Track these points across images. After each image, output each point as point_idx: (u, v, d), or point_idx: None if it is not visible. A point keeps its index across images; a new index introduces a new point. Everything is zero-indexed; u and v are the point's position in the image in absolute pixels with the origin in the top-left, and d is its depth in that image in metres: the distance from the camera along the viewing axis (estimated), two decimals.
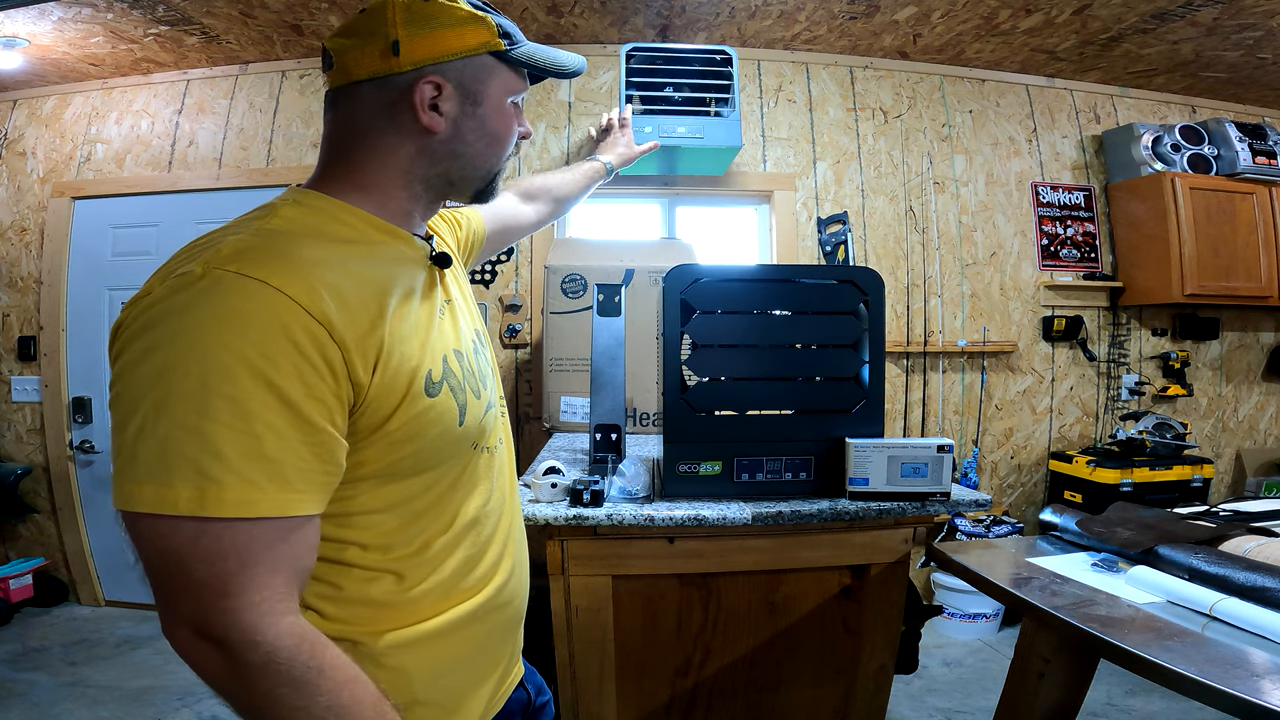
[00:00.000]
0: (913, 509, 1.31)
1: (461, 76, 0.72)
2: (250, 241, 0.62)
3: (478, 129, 0.74)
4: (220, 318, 0.56)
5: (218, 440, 0.54)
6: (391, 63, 0.70)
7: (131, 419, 0.55)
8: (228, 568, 0.55)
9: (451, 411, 0.71)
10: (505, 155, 0.79)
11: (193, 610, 0.55)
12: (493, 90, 0.75)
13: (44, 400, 3.11)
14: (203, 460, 0.54)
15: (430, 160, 0.74)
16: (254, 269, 0.58)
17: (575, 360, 2.50)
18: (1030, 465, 3.27)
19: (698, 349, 1.34)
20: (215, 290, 0.57)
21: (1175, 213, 2.99)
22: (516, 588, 0.85)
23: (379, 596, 0.70)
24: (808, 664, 1.43)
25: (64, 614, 3.04)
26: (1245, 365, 3.44)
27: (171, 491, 0.53)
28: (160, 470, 0.54)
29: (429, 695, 0.72)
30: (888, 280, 3.10)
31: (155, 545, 0.55)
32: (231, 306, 0.56)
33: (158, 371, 0.55)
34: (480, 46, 0.72)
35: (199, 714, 2.26)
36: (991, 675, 2.57)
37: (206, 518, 0.54)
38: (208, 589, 0.55)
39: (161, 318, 0.57)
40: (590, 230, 3.28)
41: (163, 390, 0.54)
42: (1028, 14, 2.73)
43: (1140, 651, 0.88)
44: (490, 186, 0.81)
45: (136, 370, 0.56)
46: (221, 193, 3.09)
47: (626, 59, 2.70)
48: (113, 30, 2.72)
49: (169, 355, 0.55)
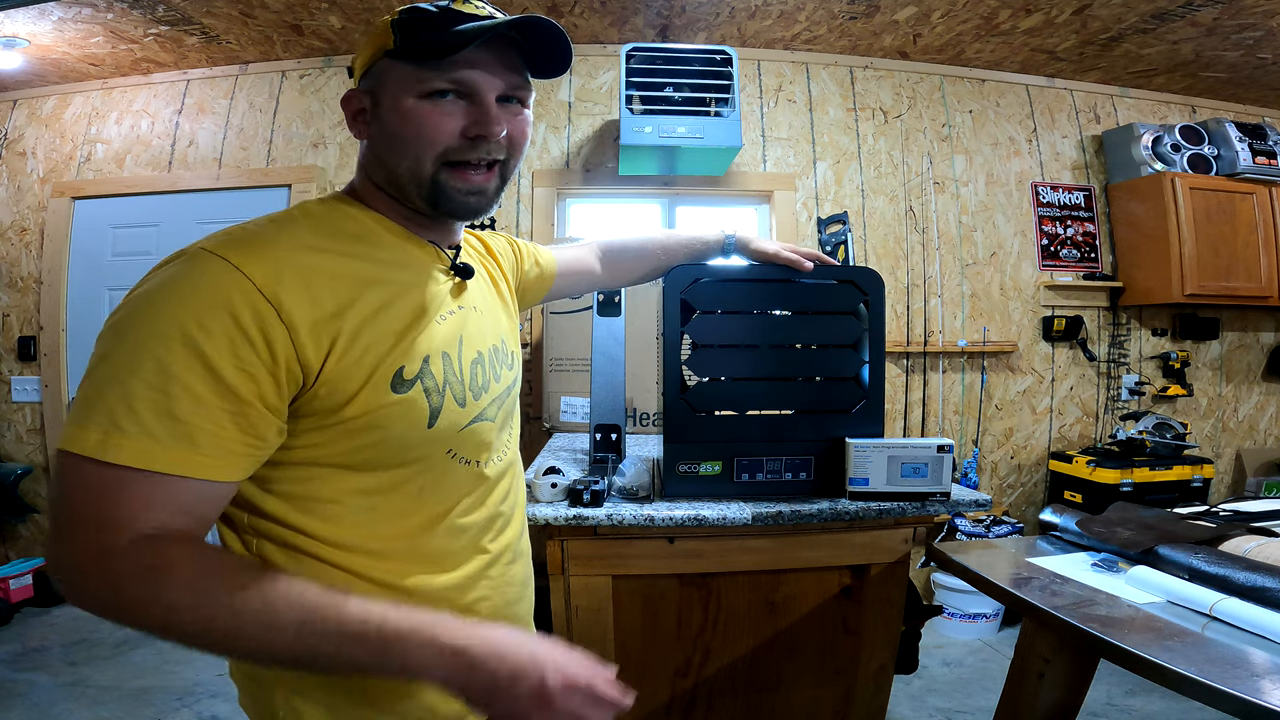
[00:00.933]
0: (913, 509, 1.31)
1: (371, 84, 0.73)
2: (249, 228, 0.68)
3: (380, 132, 0.73)
4: (175, 288, 0.61)
5: (135, 395, 0.58)
6: (351, 85, 0.77)
7: (90, 366, 0.61)
8: (113, 509, 0.58)
9: (420, 411, 0.71)
10: (423, 156, 0.71)
11: (73, 543, 0.59)
12: (388, 90, 0.71)
13: (44, 400, 3.11)
14: (117, 410, 0.58)
15: (372, 165, 0.76)
16: (226, 249, 0.63)
17: (575, 360, 2.50)
18: (1030, 465, 3.27)
19: (698, 349, 1.34)
20: (186, 265, 0.62)
21: (1175, 213, 2.99)
22: (501, 606, 0.82)
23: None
24: (808, 664, 1.43)
25: (64, 614, 3.04)
26: (1245, 365, 3.44)
27: (84, 432, 0.58)
28: (83, 413, 0.59)
29: (388, 706, 0.72)
30: (888, 280, 3.10)
31: (59, 478, 0.59)
32: (188, 279, 0.61)
33: (115, 330, 0.61)
34: (377, 51, 0.72)
35: (199, 714, 2.26)
36: (991, 675, 2.57)
37: (105, 461, 0.57)
38: (89, 526, 0.58)
39: (141, 286, 0.63)
40: (590, 230, 3.28)
41: (111, 346, 0.60)
42: (1028, 14, 2.73)
43: (1140, 651, 0.88)
44: (434, 193, 0.73)
45: (108, 324, 0.62)
46: (221, 193, 3.09)
47: (626, 59, 2.70)
48: (113, 30, 2.73)
49: (128, 316, 0.61)
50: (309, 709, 0.71)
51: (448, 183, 0.72)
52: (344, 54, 3.10)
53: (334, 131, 3.11)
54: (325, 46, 3.03)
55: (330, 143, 3.10)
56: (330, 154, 3.10)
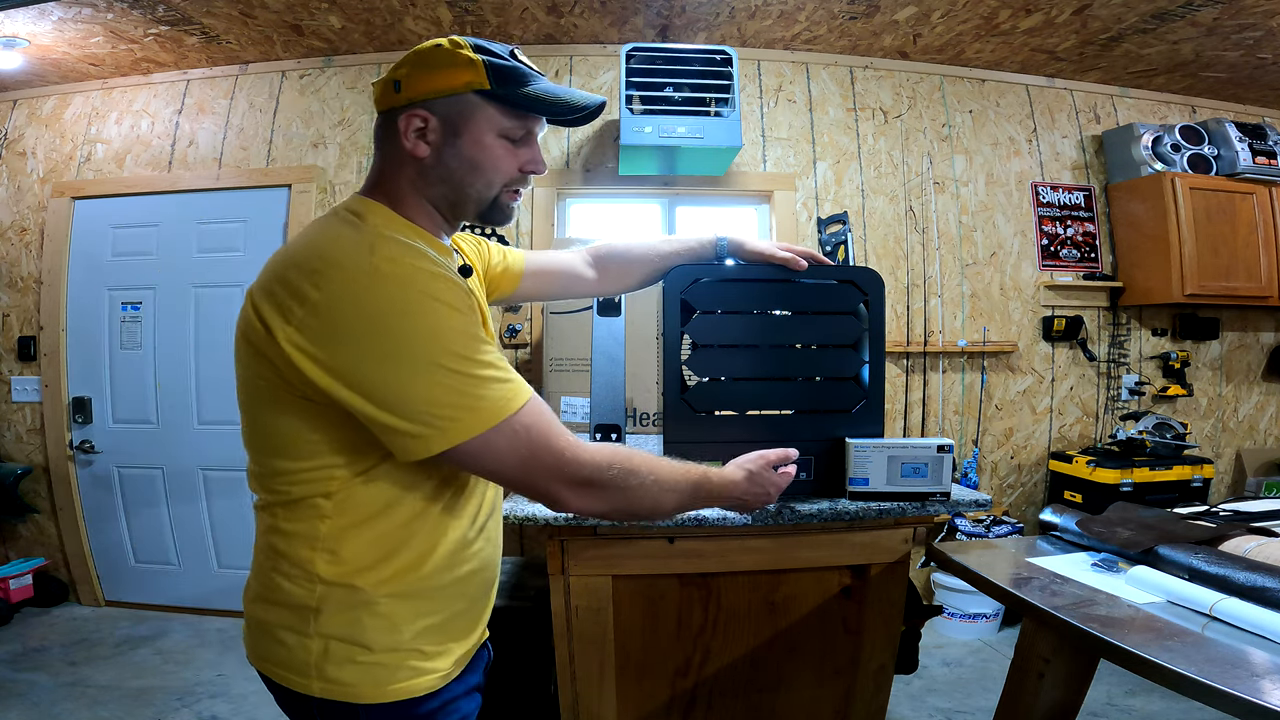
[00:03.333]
0: (913, 509, 1.31)
1: (447, 110, 0.84)
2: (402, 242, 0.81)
3: (457, 157, 0.85)
4: (421, 293, 0.75)
5: (487, 362, 0.78)
6: (394, 98, 0.85)
7: (425, 381, 0.74)
8: (548, 436, 0.80)
9: None
10: (494, 184, 0.87)
11: (550, 471, 0.80)
12: (474, 125, 0.84)
13: (44, 400, 3.11)
14: (487, 378, 0.77)
15: (426, 182, 0.87)
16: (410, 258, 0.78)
17: (575, 360, 2.50)
18: (1030, 465, 3.27)
19: (698, 349, 1.34)
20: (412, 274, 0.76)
21: (1175, 213, 2.99)
22: (491, 555, 0.96)
23: (380, 549, 0.82)
24: (808, 664, 1.43)
25: (64, 614, 3.04)
26: (1245, 365, 3.44)
27: (485, 405, 0.76)
28: (457, 401, 0.75)
29: (416, 643, 0.84)
30: (888, 280, 3.10)
31: (509, 443, 0.78)
32: (433, 284, 0.76)
33: (398, 338, 0.74)
34: (465, 86, 0.82)
35: (199, 714, 2.27)
36: (991, 675, 2.57)
37: (516, 412, 0.78)
38: (547, 463, 0.80)
39: (363, 301, 0.73)
40: (590, 230, 3.28)
41: (415, 348, 0.74)
42: (1028, 14, 2.73)
43: (1140, 651, 0.88)
44: (490, 210, 0.90)
45: (379, 349, 0.73)
46: (221, 193, 3.09)
47: (626, 59, 2.70)
48: (113, 30, 2.73)
49: (407, 319, 0.74)
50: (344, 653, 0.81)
51: (505, 203, 0.90)
52: (344, 54, 3.10)
53: (334, 132, 3.11)
54: (325, 46, 3.03)
55: (330, 143, 3.10)
56: (330, 154, 3.10)
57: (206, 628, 2.95)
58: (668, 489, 0.90)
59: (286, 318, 0.74)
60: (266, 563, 0.84)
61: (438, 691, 0.85)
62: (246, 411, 0.84)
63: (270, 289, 0.77)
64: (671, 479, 0.91)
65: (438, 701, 0.86)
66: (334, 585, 0.80)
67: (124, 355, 3.11)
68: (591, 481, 0.83)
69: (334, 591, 0.80)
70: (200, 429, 3.08)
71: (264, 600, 0.84)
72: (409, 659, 0.83)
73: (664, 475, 0.90)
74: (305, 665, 0.81)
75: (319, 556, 0.80)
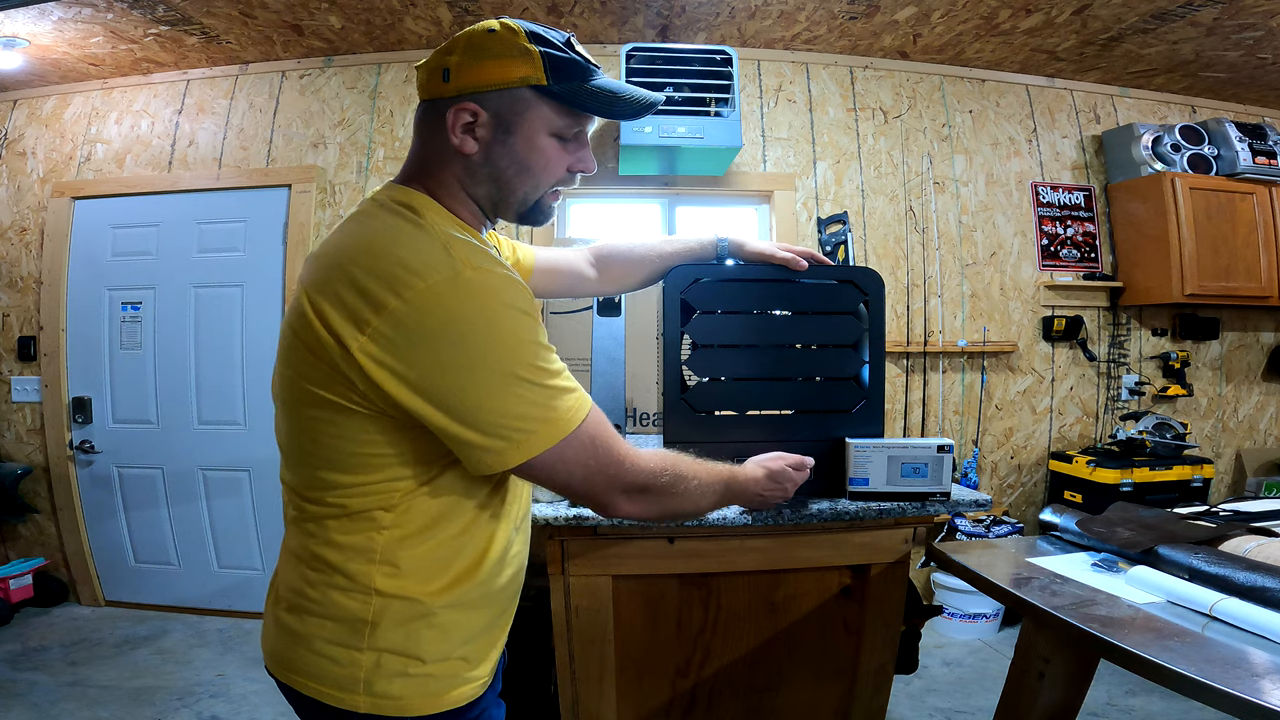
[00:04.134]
0: (913, 509, 1.31)
1: (499, 106, 0.78)
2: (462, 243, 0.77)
3: (508, 156, 0.80)
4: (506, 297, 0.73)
5: (552, 373, 0.76)
6: (442, 88, 0.79)
7: (500, 392, 0.72)
8: (609, 447, 0.80)
9: None
10: (541, 185, 0.83)
11: (611, 480, 0.81)
12: (528, 122, 0.79)
13: (44, 400, 3.11)
14: (555, 390, 0.75)
15: (473, 179, 0.82)
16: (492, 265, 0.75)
17: (575, 360, 2.49)
18: (1030, 465, 3.27)
19: (698, 349, 1.34)
20: (485, 278, 0.73)
21: (1175, 213, 2.99)
22: (525, 557, 0.97)
23: (440, 560, 0.81)
24: (808, 664, 1.43)
25: (64, 614, 3.04)
26: (1245, 365, 3.44)
27: (556, 415, 0.75)
28: (530, 412, 0.73)
29: (463, 651, 0.83)
30: (888, 280, 3.10)
31: (577, 454, 0.77)
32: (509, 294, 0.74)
33: (473, 344, 0.71)
34: (519, 80, 0.76)
35: (199, 714, 2.26)
36: (991, 675, 2.57)
37: (582, 422, 0.77)
38: (608, 473, 0.80)
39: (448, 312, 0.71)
40: (590, 230, 3.28)
41: (484, 353, 0.71)
42: (1028, 14, 2.73)
43: (1140, 651, 0.88)
44: (533, 211, 0.86)
45: (454, 344, 0.70)
46: (221, 193, 3.09)
47: (626, 59, 2.70)
48: (113, 30, 2.72)
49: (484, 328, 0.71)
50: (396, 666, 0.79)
51: (547, 204, 0.86)
52: (344, 54, 3.10)
53: (334, 131, 3.11)
54: (325, 46, 3.03)
55: (330, 143, 3.10)
56: (330, 154, 3.10)
57: (206, 628, 2.95)
58: (707, 490, 0.92)
59: (360, 327, 0.69)
60: (314, 575, 0.79)
61: (477, 700, 0.84)
62: (291, 414, 0.79)
63: (335, 291, 0.71)
64: (710, 479, 0.93)
65: (477, 710, 0.84)
66: (393, 598, 0.77)
67: (124, 355, 3.11)
68: (647, 489, 0.84)
69: (392, 604, 0.77)
70: (200, 429, 3.08)
71: (304, 612, 0.80)
72: (457, 669, 0.82)
73: (704, 477, 0.92)
74: (353, 681, 0.77)
75: (377, 569, 0.77)
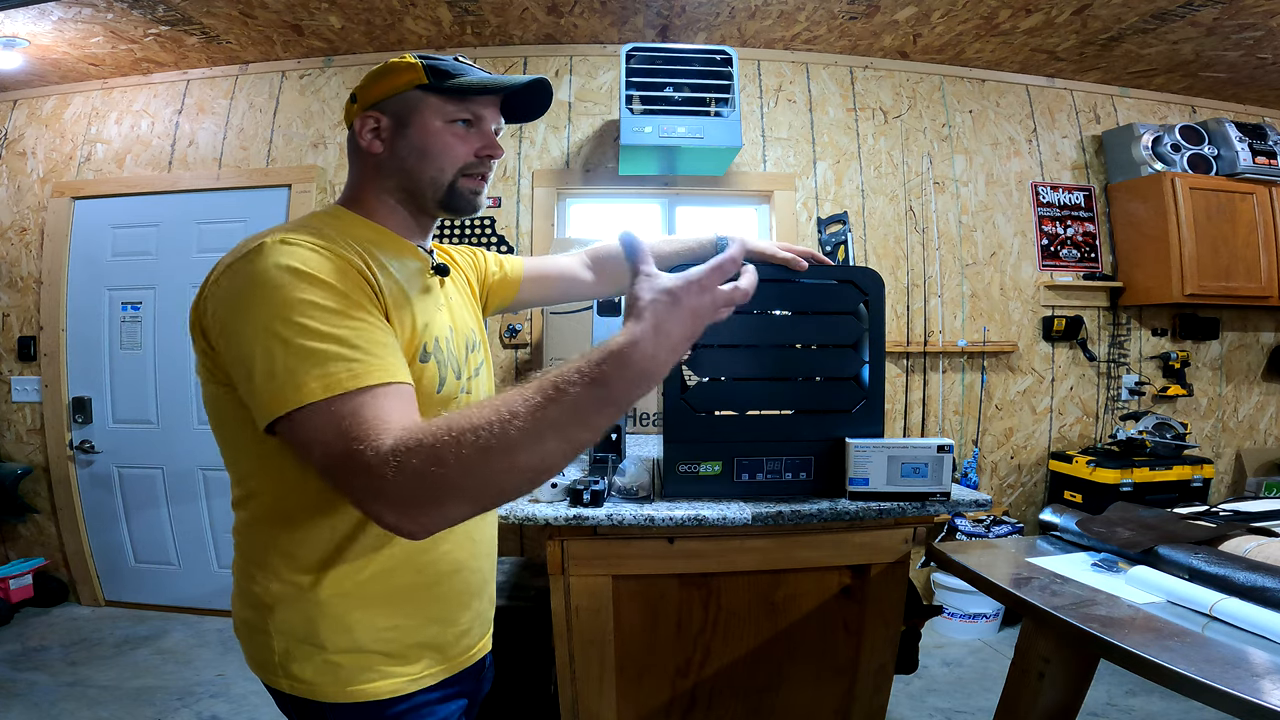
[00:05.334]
0: (913, 509, 1.31)
1: (395, 108, 0.90)
2: (297, 223, 0.82)
3: (407, 146, 0.89)
4: (290, 259, 0.73)
5: (333, 334, 0.70)
6: (351, 110, 0.92)
7: (249, 345, 0.70)
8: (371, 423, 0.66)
9: (433, 379, 0.87)
10: (445, 168, 0.90)
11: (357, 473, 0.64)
12: (419, 115, 0.89)
13: (44, 400, 3.11)
14: (327, 351, 0.69)
15: (385, 175, 0.91)
16: (309, 236, 0.76)
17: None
18: (1030, 465, 3.27)
19: (698, 349, 1.34)
20: (278, 249, 0.73)
21: (1175, 213, 2.99)
22: (467, 559, 0.94)
23: (324, 548, 0.81)
24: (808, 664, 1.43)
25: (64, 614, 3.04)
26: (1245, 365, 3.44)
27: (306, 382, 0.67)
28: (287, 374, 0.68)
29: (378, 645, 0.84)
30: (888, 280, 3.10)
31: (307, 437, 0.67)
32: (297, 254, 0.73)
33: (253, 306, 0.71)
34: (407, 84, 0.89)
35: (199, 714, 2.27)
36: (991, 675, 2.57)
37: (341, 394, 0.67)
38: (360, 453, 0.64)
39: (238, 273, 0.73)
40: (590, 230, 3.28)
41: (262, 316, 0.70)
42: (1028, 14, 2.73)
43: (1140, 651, 0.88)
44: (450, 197, 0.91)
45: (235, 310, 0.72)
46: (221, 193, 3.09)
47: (626, 59, 2.70)
48: (113, 30, 2.72)
49: (265, 290, 0.71)
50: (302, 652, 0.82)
51: (464, 187, 0.92)
52: (344, 54, 3.10)
53: (334, 132, 3.10)
54: (325, 46, 3.03)
55: (330, 143, 3.10)
56: (330, 154, 3.10)
57: (206, 628, 2.95)
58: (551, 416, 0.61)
59: (200, 297, 0.79)
60: (236, 558, 0.89)
61: (409, 695, 0.86)
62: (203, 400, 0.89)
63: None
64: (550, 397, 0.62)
65: (408, 704, 0.86)
66: (286, 584, 0.82)
67: (124, 355, 3.11)
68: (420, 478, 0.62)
69: (286, 590, 0.82)
70: (200, 429, 3.08)
71: (237, 598, 0.88)
72: (373, 661, 0.84)
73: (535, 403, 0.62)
74: (271, 663, 0.84)
75: (272, 555, 0.83)
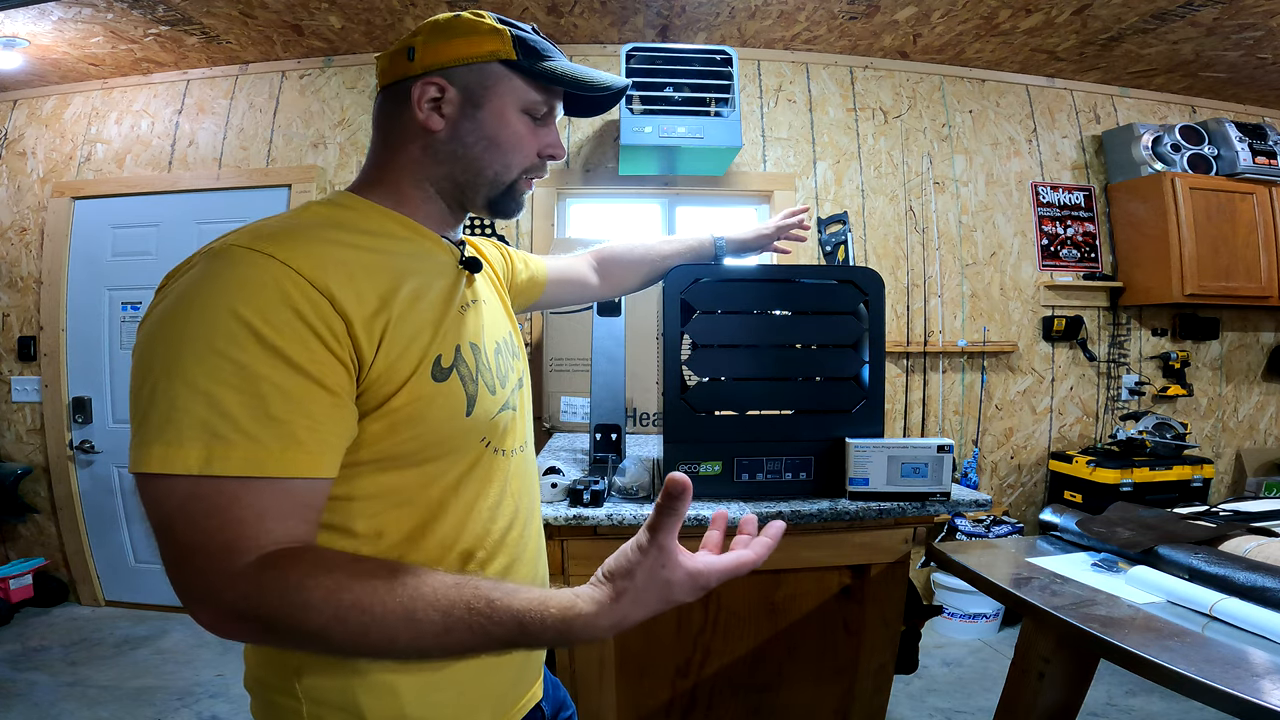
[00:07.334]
0: (913, 509, 1.31)
1: (466, 80, 0.74)
2: (271, 224, 0.66)
3: (475, 131, 0.75)
4: (224, 287, 0.58)
5: (224, 400, 0.55)
6: (407, 67, 0.74)
7: (145, 383, 0.57)
8: (235, 527, 0.55)
9: (459, 399, 0.71)
10: (512, 165, 0.77)
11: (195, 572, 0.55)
12: (496, 96, 0.75)
13: (44, 400, 3.11)
14: (211, 420, 0.55)
15: (434, 160, 0.76)
16: (264, 245, 0.61)
17: (575, 360, 2.50)
18: (1030, 465, 3.27)
19: (698, 349, 1.34)
20: (224, 262, 0.60)
21: (1175, 213, 2.99)
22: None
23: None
24: (808, 664, 1.43)
25: (64, 614, 3.04)
26: (1245, 365, 3.44)
27: (179, 450, 0.55)
28: (167, 430, 0.55)
29: (419, 713, 0.70)
30: (888, 280, 3.10)
31: (158, 503, 0.55)
32: (235, 276, 0.59)
33: (168, 337, 0.57)
34: (489, 55, 0.74)
35: (199, 714, 2.27)
36: (991, 675, 2.57)
37: (212, 476, 0.55)
38: (211, 551, 0.55)
39: (178, 288, 0.60)
40: (590, 230, 3.28)
41: (169, 355, 0.56)
42: (1028, 14, 2.73)
43: (1140, 651, 0.88)
44: (504, 198, 0.79)
45: (151, 336, 0.59)
46: (221, 193, 3.09)
47: (626, 59, 2.70)
48: (113, 30, 2.72)
49: (179, 322, 0.57)
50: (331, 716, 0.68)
51: (520, 190, 0.79)
52: (344, 54, 3.10)
53: (334, 132, 3.10)
54: (325, 46, 3.03)
55: (330, 143, 3.10)
56: (330, 154, 3.10)
57: None
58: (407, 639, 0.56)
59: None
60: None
61: None
62: None
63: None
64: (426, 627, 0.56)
65: None
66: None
67: (124, 355, 3.11)
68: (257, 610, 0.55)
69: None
70: None
71: (252, 652, 0.73)
72: None
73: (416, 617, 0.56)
74: None
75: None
